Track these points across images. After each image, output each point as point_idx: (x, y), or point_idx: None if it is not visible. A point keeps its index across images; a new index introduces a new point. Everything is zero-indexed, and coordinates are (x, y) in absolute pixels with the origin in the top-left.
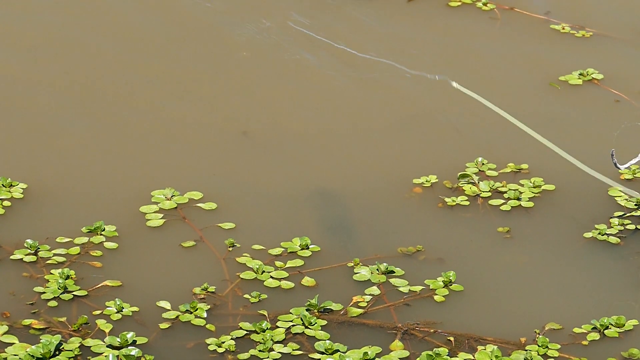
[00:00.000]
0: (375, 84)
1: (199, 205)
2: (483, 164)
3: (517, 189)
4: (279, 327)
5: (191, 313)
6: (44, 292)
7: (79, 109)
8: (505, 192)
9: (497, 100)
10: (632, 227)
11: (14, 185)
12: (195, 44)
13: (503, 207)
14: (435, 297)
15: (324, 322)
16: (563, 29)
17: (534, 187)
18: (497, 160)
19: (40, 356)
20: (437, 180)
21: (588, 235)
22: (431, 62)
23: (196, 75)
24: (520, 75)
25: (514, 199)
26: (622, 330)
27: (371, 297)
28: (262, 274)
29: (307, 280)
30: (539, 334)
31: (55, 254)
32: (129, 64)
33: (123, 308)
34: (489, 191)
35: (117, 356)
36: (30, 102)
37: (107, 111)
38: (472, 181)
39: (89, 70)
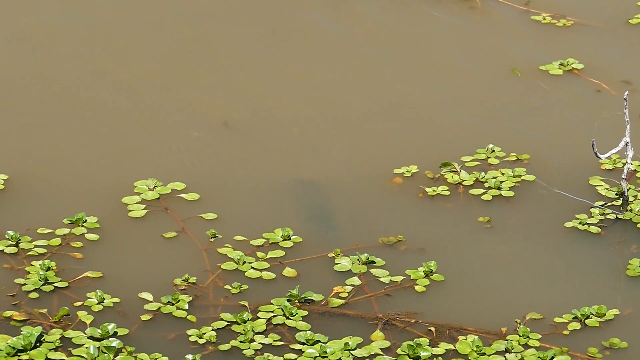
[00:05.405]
0: (356, 74)
1: (181, 195)
2: (493, 150)
3: (497, 177)
4: (260, 318)
5: (173, 305)
6: (25, 284)
7: (60, 101)
8: (486, 182)
9: (478, 91)
10: (613, 216)
11: None
12: (175, 35)
13: (484, 197)
14: (416, 287)
15: (305, 313)
16: (544, 19)
17: (514, 177)
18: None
19: (21, 348)
20: (417, 170)
21: (569, 225)
22: (407, 53)
23: (177, 66)
24: (501, 65)
25: (495, 189)
26: (603, 320)
27: (352, 287)
28: (243, 264)
29: (288, 271)
30: (519, 323)
31: (36, 246)
32: (108, 57)
33: (104, 299)
34: (473, 182)
35: (98, 347)
36: (11, 95)
37: (88, 103)
38: (455, 170)
39: (69, 62)
